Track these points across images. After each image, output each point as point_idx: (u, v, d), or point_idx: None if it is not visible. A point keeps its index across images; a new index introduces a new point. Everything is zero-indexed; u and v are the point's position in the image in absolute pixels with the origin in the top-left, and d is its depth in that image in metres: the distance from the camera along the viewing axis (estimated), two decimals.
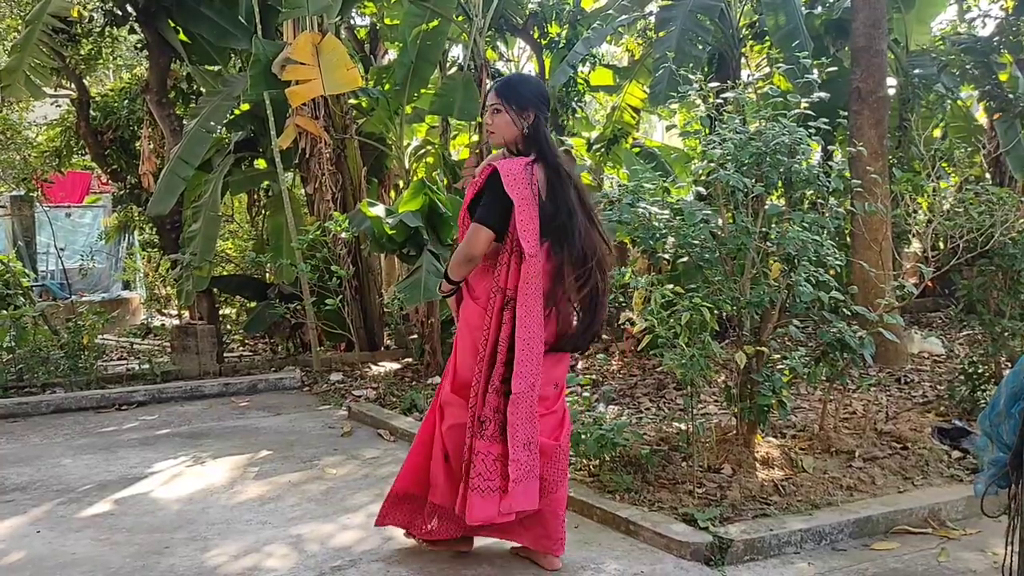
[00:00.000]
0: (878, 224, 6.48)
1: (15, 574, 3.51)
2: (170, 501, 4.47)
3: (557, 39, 10.83)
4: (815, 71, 4.81)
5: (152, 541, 3.86)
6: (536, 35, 10.99)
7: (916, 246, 9.24)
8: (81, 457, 5.46)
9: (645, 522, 3.73)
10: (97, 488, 4.73)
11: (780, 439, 4.80)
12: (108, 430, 6.31)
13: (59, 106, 12.28)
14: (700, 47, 9.00)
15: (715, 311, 4.08)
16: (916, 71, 9.59)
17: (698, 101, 5.25)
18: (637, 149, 11.17)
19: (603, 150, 11.04)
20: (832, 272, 4.37)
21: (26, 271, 11.56)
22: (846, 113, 6.27)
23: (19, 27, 10.23)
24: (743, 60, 10.39)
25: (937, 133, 11.16)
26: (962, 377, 5.46)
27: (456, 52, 11.79)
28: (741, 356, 4.04)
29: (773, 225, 4.38)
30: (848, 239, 6.84)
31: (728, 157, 4.17)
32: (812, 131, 4.19)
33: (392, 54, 12.15)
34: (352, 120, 9.04)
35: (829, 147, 4.86)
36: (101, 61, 10.99)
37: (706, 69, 9.65)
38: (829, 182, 4.19)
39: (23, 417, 6.82)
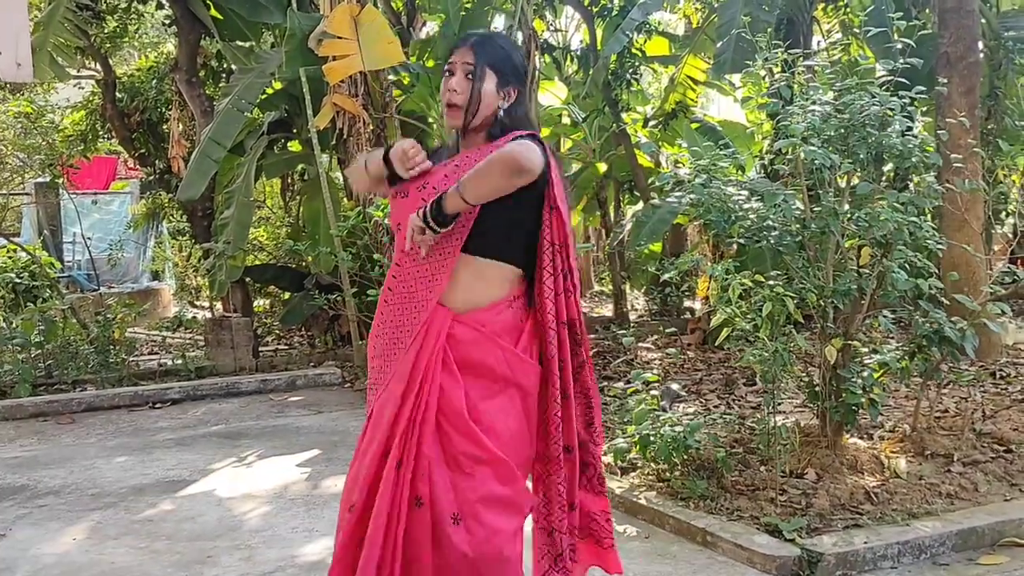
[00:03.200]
0: (971, 203, 6.26)
1: None
2: (210, 506, 4.48)
3: (610, 6, 10.65)
4: (903, 35, 4.65)
5: (194, 549, 3.86)
6: (587, 2, 10.83)
7: (1009, 226, 8.97)
8: (115, 458, 5.52)
9: (724, 533, 3.63)
10: (133, 492, 4.77)
11: (867, 441, 4.66)
12: (142, 429, 6.38)
13: (82, 88, 12.40)
14: (767, 9, 8.78)
15: (797, 300, 3.96)
16: (1009, 33, 9.26)
17: (773, 70, 5.09)
18: (696, 125, 10.97)
19: (661, 126, 10.87)
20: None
21: (53, 262, 11.77)
22: (944, 79, 6.06)
23: (41, 4, 10.34)
24: (814, 25, 10.12)
25: None
26: None
27: (500, 22, 11.69)
28: (831, 350, 3.91)
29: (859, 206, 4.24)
30: (933, 220, 6.62)
31: (811, 131, 4.03)
32: (907, 100, 4.03)
33: (431, 26, 12.09)
34: (392, 98, 9.00)
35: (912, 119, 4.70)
36: (127, 39, 11.06)
37: (772, 35, 9.42)
38: (926, 156, 4.03)
39: (54, 416, 6.91)
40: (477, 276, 2.37)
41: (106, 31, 10.36)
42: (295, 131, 9.54)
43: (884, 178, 4.48)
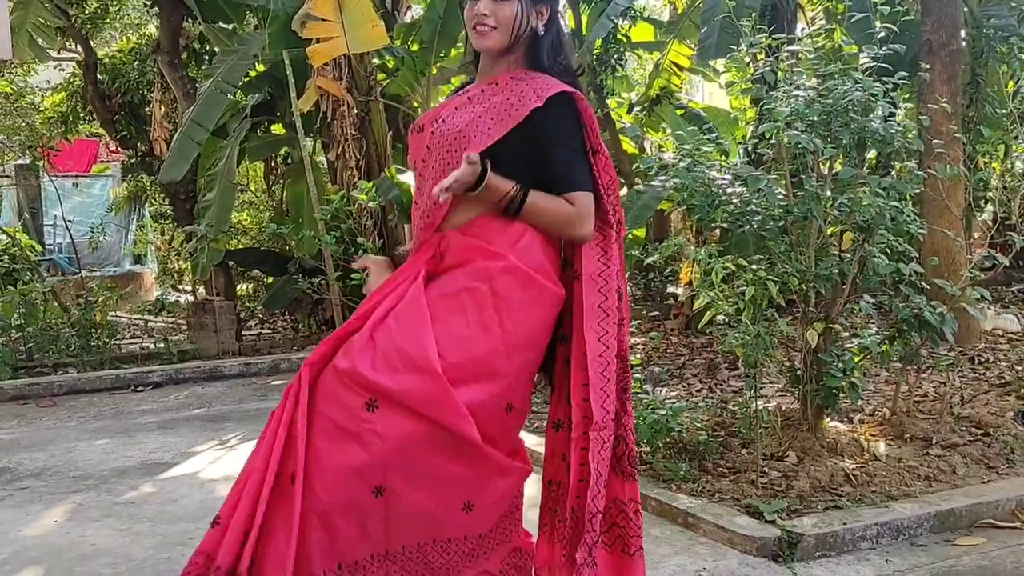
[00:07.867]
0: (952, 189, 6.29)
1: (33, 566, 3.51)
2: (193, 488, 4.47)
3: None
4: (887, 22, 4.65)
5: (176, 532, 3.85)
6: None
7: (988, 213, 9.03)
8: (97, 441, 5.48)
9: (705, 514, 3.65)
10: (115, 474, 4.74)
11: (847, 424, 4.69)
12: (124, 412, 6.34)
13: (63, 69, 12.28)
14: None
15: (779, 285, 3.97)
16: (991, 21, 9.29)
17: (757, 56, 5.10)
18: (680, 110, 10.97)
19: (645, 112, 10.86)
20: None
21: (33, 244, 11.67)
22: (927, 66, 6.08)
23: None
24: (798, 12, 10.13)
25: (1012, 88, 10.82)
26: None
27: None
28: (812, 334, 3.93)
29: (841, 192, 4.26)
30: (914, 205, 6.66)
31: (795, 116, 4.04)
32: (889, 87, 4.04)
33: (416, 10, 12.01)
34: (376, 81, 8.95)
35: (894, 105, 4.72)
36: (108, 20, 10.94)
37: (757, 22, 9.41)
38: (908, 142, 4.05)
39: (34, 399, 6.86)
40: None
41: (87, 12, 10.23)
42: (278, 114, 9.48)
43: (866, 164, 4.50)
